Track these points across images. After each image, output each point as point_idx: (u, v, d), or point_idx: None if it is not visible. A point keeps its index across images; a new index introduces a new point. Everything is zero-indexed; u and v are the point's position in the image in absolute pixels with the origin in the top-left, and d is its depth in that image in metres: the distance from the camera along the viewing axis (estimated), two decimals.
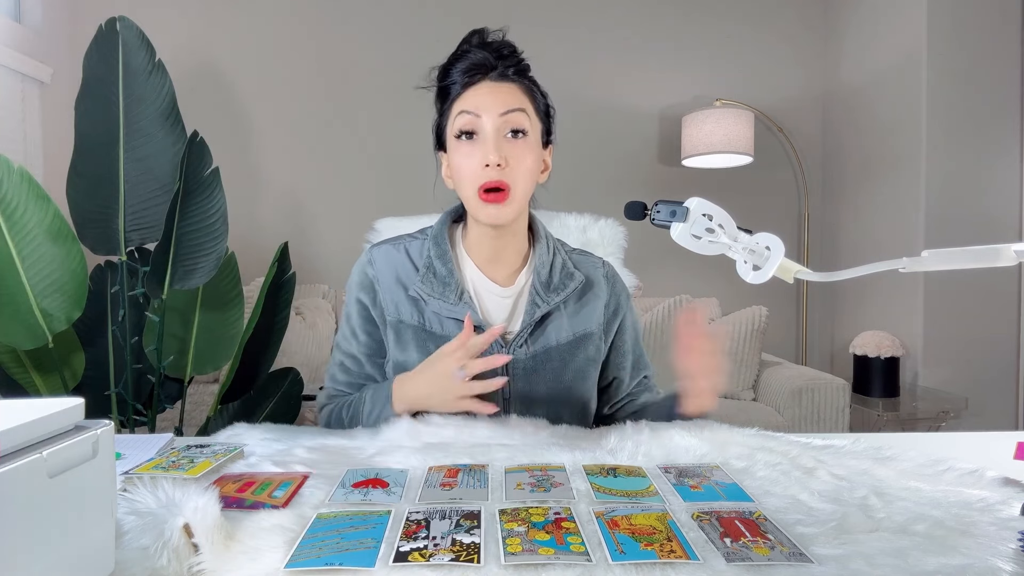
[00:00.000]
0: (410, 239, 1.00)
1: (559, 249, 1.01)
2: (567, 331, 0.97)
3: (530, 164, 0.90)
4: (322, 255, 3.03)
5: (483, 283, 0.96)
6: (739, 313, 2.66)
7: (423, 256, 0.96)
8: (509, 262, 0.98)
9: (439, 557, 0.46)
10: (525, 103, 0.90)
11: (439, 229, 0.98)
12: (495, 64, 0.90)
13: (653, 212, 0.77)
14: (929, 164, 2.50)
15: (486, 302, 0.96)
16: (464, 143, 0.89)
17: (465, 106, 0.89)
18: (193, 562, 0.46)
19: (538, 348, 0.95)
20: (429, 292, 0.92)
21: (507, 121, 0.88)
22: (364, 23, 3.03)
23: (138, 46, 1.75)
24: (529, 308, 0.94)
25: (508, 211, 0.89)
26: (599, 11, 3.09)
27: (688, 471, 0.66)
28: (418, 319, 0.94)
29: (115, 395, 1.77)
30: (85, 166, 1.72)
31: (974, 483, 0.62)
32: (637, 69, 3.13)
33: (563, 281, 0.97)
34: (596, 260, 1.05)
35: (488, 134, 0.87)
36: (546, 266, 0.97)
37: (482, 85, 0.90)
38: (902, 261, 0.63)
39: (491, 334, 0.84)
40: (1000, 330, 2.51)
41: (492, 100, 0.88)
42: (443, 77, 0.93)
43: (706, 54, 3.15)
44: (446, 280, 0.93)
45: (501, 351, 0.93)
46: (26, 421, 0.38)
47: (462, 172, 0.90)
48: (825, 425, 2.37)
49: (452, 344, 0.84)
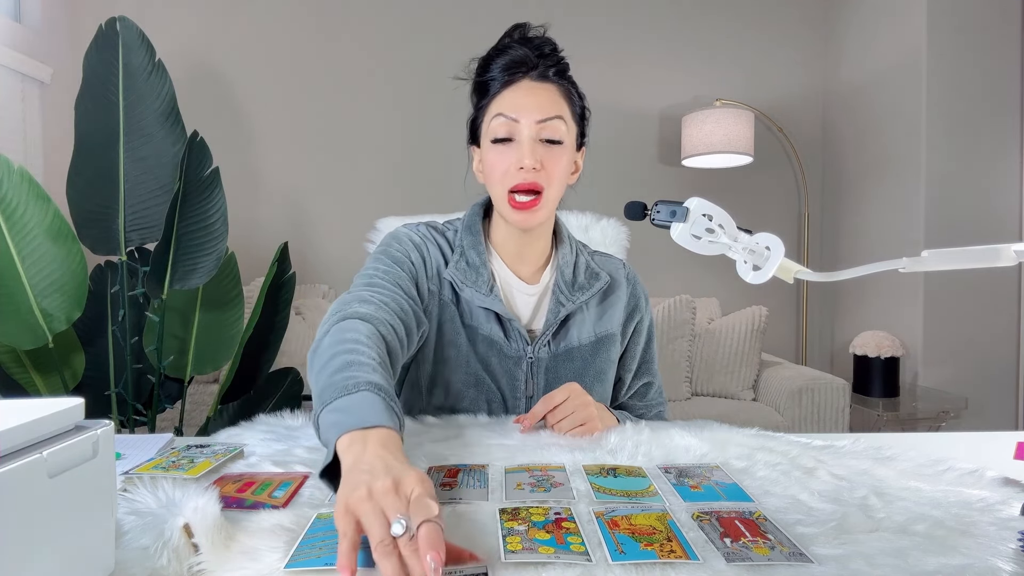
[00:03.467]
0: (444, 227, 1.00)
1: (581, 250, 1.02)
2: (589, 332, 0.97)
3: (564, 168, 0.90)
4: (322, 255, 3.03)
5: (510, 278, 0.96)
6: (739, 313, 2.67)
7: (457, 243, 0.96)
8: (533, 260, 0.98)
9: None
10: (563, 108, 0.90)
11: (472, 219, 0.98)
12: (536, 62, 0.89)
13: (653, 212, 0.77)
14: (929, 164, 2.51)
15: (513, 297, 0.96)
16: (499, 145, 0.89)
17: (503, 108, 0.88)
18: (193, 562, 0.46)
19: (560, 348, 0.95)
20: (463, 279, 0.92)
21: (544, 128, 0.88)
22: (364, 23, 3.03)
23: (138, 46, 1.75)
24: (553, 307, 0.94)
25: (539, 215, 0.89)
26: (599, 11, 3.09)
27: (688, 471, 0.66)
28: (454, 301, 0.93)
29: (115, 395, 1.77)
30: (85, 166, 1.72)
31: (974, 483, 0.62)
32: (637, 69, 3.13)
33: (588, 281, 0.97)
34: (618, 262, 1.05)
35: (524, 139, 0.87)
36: (570, 265, 0.97)
37: (521, 85, 0.89)
38: (902, 261, 0.63)
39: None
40: (1000, 330, 2.51)
41: (531, 103, 0.88)
42: (482, 71, 0.92)
43: (706, 54, 3.15)
44: (479, 270, 0.93)
45: (526, 348, 0.93)
46: (26, 421, 0.38)
47: (495, 171, 0.89)
48: (825, 425, 2.37)
49: (429, 485, 0.50)
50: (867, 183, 2.88)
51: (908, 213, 2.60)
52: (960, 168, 2.50)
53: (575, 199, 1.05)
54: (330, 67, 3.02)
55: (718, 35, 3.14)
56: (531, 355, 0.93)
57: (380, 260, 0.91)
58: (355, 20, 3.03)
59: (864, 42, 2.90)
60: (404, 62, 3.01)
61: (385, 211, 1.37)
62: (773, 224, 2.96)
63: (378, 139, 3.03)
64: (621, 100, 3.12)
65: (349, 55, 3.03)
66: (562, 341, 0.95)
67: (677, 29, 3.14)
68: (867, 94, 2.88)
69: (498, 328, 0.93)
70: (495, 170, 0.89)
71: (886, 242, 2.75)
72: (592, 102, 0.97)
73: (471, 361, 0.92)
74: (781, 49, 3.17)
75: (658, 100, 3.15)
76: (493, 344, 0.93)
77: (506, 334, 0.93)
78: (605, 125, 3.10)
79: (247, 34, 2.99)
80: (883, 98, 2.76)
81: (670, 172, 3.15)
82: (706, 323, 2.75)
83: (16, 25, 2.48)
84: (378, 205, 2.55)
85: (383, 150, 3.04)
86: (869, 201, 2.87)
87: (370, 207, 2.27)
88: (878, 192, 2.80)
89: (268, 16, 3.00)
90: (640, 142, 3.15)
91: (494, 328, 0.93)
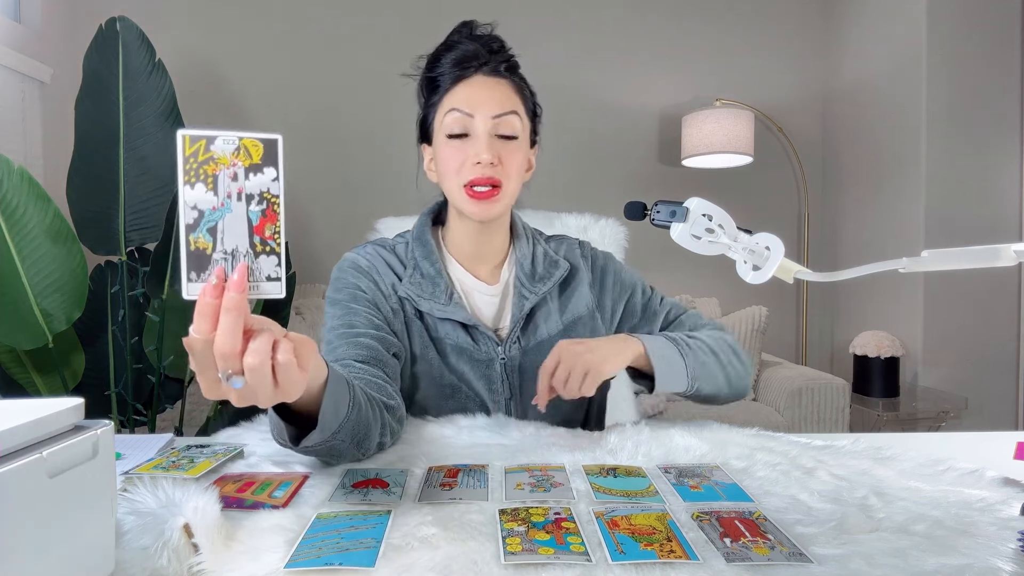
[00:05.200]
0: (393, 241, 0.98)
1: (538, 240, 1.00)
2: (556, 321, 0.95)
3: (520, 163, 0.89)
4: (322, 255, 3.02)
5: (470, 282, 0.95)
6: (739, 313, 2.67)
7: (409, 257, 0.94)
8: (491, 257, 0.97)
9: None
10: (517, 104, 0.89)
11: (421, 229, 0.96)
12: (487, 57, 0.88)
13: (653, 212, 0.77)
14: (929, 164, 2.50)
15: (474, 301, 0.95)
16: (454, 141, 0.87)
17: (457, 103, 0.87)
18: (193, 562, 0.46)
19: (531, 344, 0.93)
20: (418, 293, 0.90)
21: (500, 124, 0.87)
22: (364, 23, 3.02)
23: (138, 46, 1.75)
24: (517, 302, 0.93)
25: (497, 207, 0.88)
26: (599, 11, 3.09)
27: (688, 471, 0.66)
28: (417, 315, 0.91)
29: (115, 395, 1.77)
30: (85, 166, 1.73)
31: (974, 483, 0.62)
32: (637, 69, 3.13)
33: (548, 270, 0.96)
34: (573, 242, 1.03)
35: (480, 134, 0.86)
36: (528, 258, 0.96)
37: (474, 80, 0.88)
38: (902, 261, 0.63)
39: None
40: (1000, 330, 2.51)
41: (486, 98, 0.86)
42: (431, 67, 0.91)
43: (706, 54, 3.14)
44: (435, 280, 0.92)
45: (497, 349, 0.91)
46: (26, 421, 0.38)
47: (449, 167, 0.88)
48: (825, 425, 2.37)
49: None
50: (867, 183, 2.88)
51: (908, 213, 2.60)
52: (960, 168, 2.50)
53: (574, 199, 1.05)
54: (330, 66, 3.02)
55: (718, 35, 3.14)
56: (503, 355, 0.92)
57: (336, 306, 0.88)
58: (355, 19, 3.03)
59: (864, 42, 2.90)
60: (404, 61, 3.00)
61: (385, 211, 1.37)
62: (773, 224, 2.95)
63: (379, 139, 3.03)
64: (621, 100, 3.12)
65: (349, 54, 3.02)
66: (531, 336, 0.94)
67: (677, 29, 3.13)
68: (867, 94, 2.87)
69: (465, 335, 0.91)
70: (449, 166, 0.87)
71: (886, 242, 2.75)
72: (592, 102, 0.98)
73: (444, 374, 0.91)
74: (781, 49, 3.17)
75: (658, 100, 3.14)
76: (463, 351, 0.91)
77: (474, 339, 0.91)
78: (605, 125, 3.10)
79: (247, 34, 2.99)
80: (883, 98, 2.76)
81: (670, 172, 3.15)
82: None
83: (16, 25, 2.48)
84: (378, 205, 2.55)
85: (383, 150, 3.03)
86: (869, 201, 2.87)
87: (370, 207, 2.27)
88: (878, 192, 2.80)
89: (268, 16, 3.00)
90: (640, 142, 3.15)
91: (461, 335, 0.91)
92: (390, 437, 0.73)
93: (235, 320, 0.45)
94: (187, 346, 0.46)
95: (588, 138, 3.05)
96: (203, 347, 0.45)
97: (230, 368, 0.45)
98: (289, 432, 0.61)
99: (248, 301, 0.46)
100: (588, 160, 3.06)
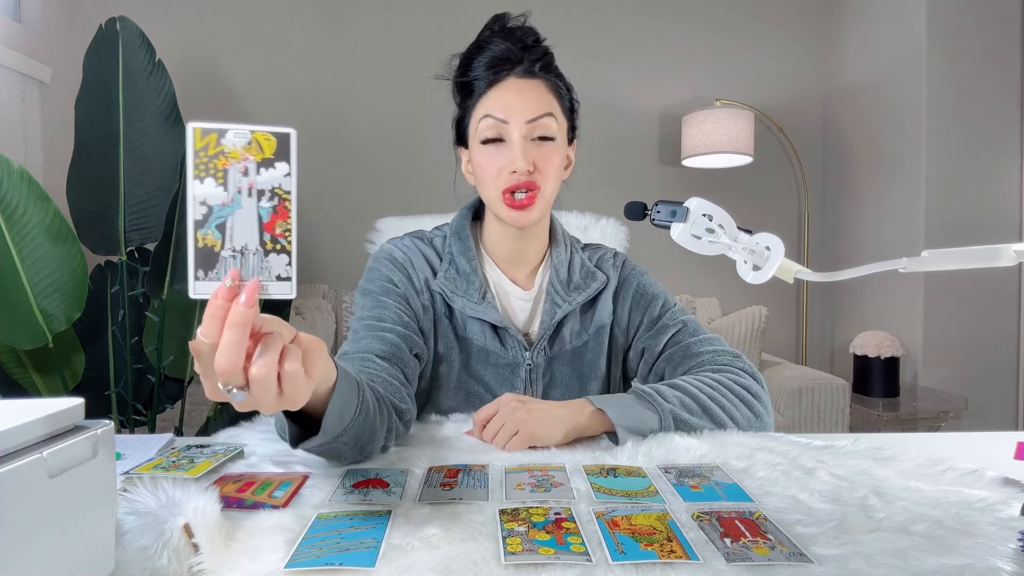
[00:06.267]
0: (432, 234, 0.96)
1: (576, 248, 0.99)
2: (581, 329, 0.94)
3: (557, 165, 0.88)
4: (322, 255, 3.02)
5: (504, 283, 0.94)
6: (739, 313, 2.66)
7: (446, 251, 0.93)
8: (528, 261, 0.95)
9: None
10: (552, 105, 0.87)
11: (460, 223, 0.95)
12: (520, 57, 0.85)
13: (653, 212, 0.77)
14: (929, 164, 2.50)
15: (507, 303, 0.93)
16: (489, 146, 0.86)
17: (491, 109, 0.85)
18: (193, 562, 0.46)
19: (555, 351, 0.93)
20: (452, 289, 0.89)
21: (535, 127, 0.85)
22: (364, 22, 3.02)
23: (138, 46, 1.75)
24: (549, 308, 0.92)
25: (535, 213, 0.86)
26: (599, 11, 3.09)
27: (688, 471, 0.66)
28: (447, 314, 0.90)
29: (115, 395, 1.77)
30: (85, 166, 1.73)
31: (974, 483, 0.61)
32: (637, 69, 3.13)
33: (585, 280, 0.94)
34: (608, 252, 1.02)
35: (515, 140, 0.84)
36: (564, 264, 0.94)
37: (508, 83, 0.85)
38: (902, 261, 0.63)
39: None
40: (1000, 330, 2.51)
41: (520, 102, 0.84)
42: (464, 70, 0.88)
43: (706, 54, 3.14)
44: (469, 277, 0.90)
45: (524, 354, 0.90)
46: (26, 421, 0.38)
47: (486, 172, 0.86)
48: (825, 425, 2.37)
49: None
50: (867, 183, 2.88)
51: (908, 213, 2.60)
52: (960, 168, 2.50)
53: (575, 200, 1.04)
54: (330, 66, 3.02)
55: (718, 35, 3.14)
56: (530, 361, 0.91)
57: (367, 297, 0.87)
58: (355, 19, 3.03)
59: (864, 42, 2.90)
60: (404, 61, 3.00)
61: (385, 211, 1.37)
62: (773, 224, 2.96)
63: (379, 138, 3.03)
64: (621, 100, 3.12)
65: (349, 54, 3.02)
66: (556, 343, 0.93)
67: (677, 29, 3.13)
68: (867, 94, 2.87)
69: (493, 337, 0.90)
70: (487, 172, 0.86)
71: (886, 242, 2.75)
72: (592, 102, 0.97)
73: (463, 378, 0.90)
74: (781, 49, 3.17)
75: (658, 100, 3.14)
76: (488, 355, 0.90)
77: (502, 342, 0.90)
78: (605, 125, 3.10)
79: (247, 34, 2.99)
80: (883, 98, 2.76)
81: (670, 172, 3.15)
82: (706, 323, 2.75)
83: (16, 25, 2.48)
84: (378, 205, 2.55)
85: (383, 150, 3.03)
86: (869, 201, 2.87)
87: (370, 207, 2.27)
88: (878, 192, 2.80)
89: (268, 16, 3.00)
90: (640, 142, 3.15)
91: (488, 337, 0.90)
92: (395, 441, 0.72)
93: (240, 335, 0.42)
94: (193, 350, 0.44)
95: (588, 138, 3.03)
96: (210, 352, 0.43)
97: (232, 384, 0.43)
98: (292, 431, 0.60)
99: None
100: (588, 160, 3.05)
